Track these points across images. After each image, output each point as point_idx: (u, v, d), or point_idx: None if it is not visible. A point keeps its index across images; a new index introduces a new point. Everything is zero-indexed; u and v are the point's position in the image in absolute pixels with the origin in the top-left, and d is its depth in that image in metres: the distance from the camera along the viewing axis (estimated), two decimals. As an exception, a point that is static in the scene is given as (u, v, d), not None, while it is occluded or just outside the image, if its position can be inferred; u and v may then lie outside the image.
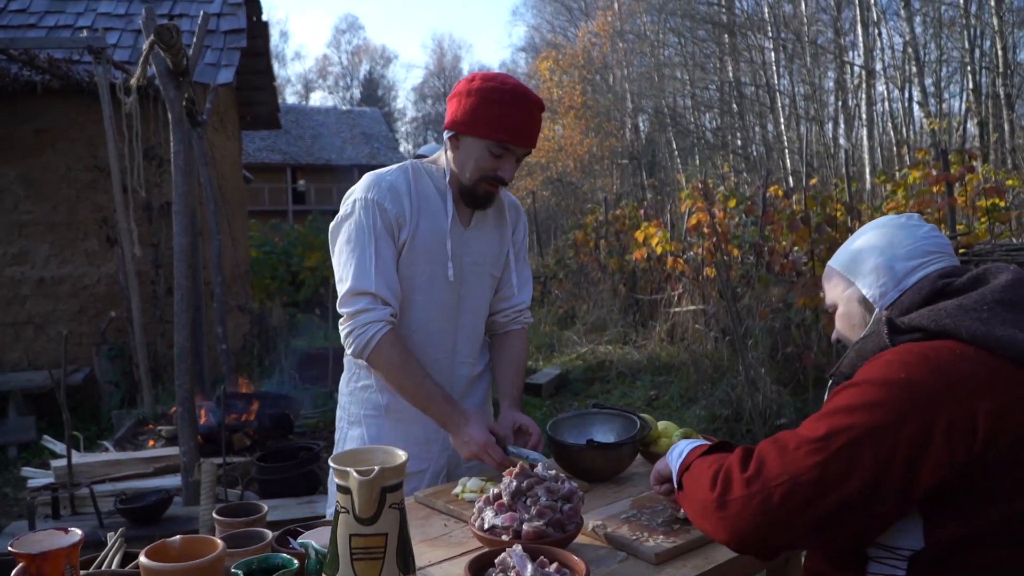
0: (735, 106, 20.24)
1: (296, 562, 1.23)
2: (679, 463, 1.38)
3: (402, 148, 40.02)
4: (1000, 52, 13.18)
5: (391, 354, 1.81)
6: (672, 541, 1.42)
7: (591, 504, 1.64)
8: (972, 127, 14.88)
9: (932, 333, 1.21)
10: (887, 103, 16.69)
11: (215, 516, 1.48)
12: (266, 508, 1.51)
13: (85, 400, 6.58)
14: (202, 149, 6.20)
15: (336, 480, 1.17)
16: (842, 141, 17.44)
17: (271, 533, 1.38)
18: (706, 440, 1.55)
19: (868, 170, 14.61)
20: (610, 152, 22.76)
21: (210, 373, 6.60)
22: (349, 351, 1.86)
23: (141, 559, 1.11)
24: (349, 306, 1.83)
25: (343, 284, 1.84)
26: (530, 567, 1.19)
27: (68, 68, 6.59)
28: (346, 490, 1.13)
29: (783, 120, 18.29)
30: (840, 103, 17.83)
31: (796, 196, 7.70)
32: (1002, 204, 5.56)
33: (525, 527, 1.36)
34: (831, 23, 18.02)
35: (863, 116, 16.28)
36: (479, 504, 1.47)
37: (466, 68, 55.32)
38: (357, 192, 1.89)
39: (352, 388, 2.01)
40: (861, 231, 1.42)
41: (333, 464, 1.18)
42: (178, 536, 1.19)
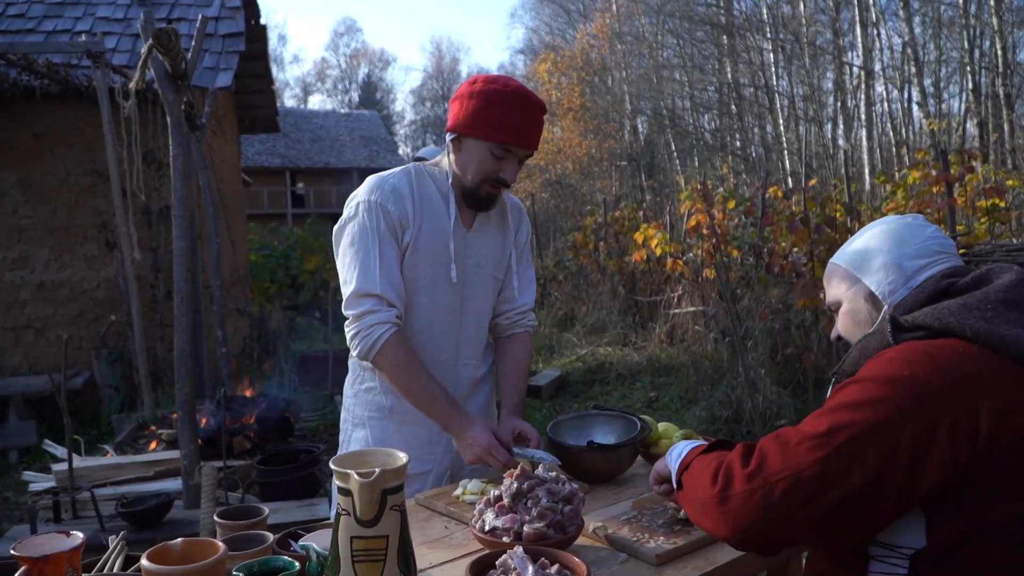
0: (734, 107, 20.24)
1: (297, 564, 1.23)
2: (678, 463, 1.38)
3: (401, 151, 40.04)
4: (1000, 52, 13.18)
5: (396, 356, 1.81)
6: (673, 542, 1.43)
7: (592, 506, 1.65)
8: (972, 127, 14.86)
9: (936, 331, 1.21)
10: (886, 103, 16.66)
11: (216, 519, 1.48)
12: (267, 511, 1.51)
13: (85, 404, 6.58)
14: (201, 153, 6.21)
15: (337, 482, 1.17)
16: (841, 142, 17.44)
17: (272, 536, 1.38)
18: (706, 441, 1.55)
19: (867, 171, 14.60)
20: (609, 154, 22.74)
21: (210, 376, 6.60)
22: (354, 353, 1.86)
23: (143, 562, 1.12)
24: (354, 308, 1.83)
25: (348, 286, 1.84)
26: (531, 569, 1.19)
27: (67, 72, 6.60)
28: (347, 492, 1.14)
29: (782, 121, 18.28)
30: (839, 104, 17.83)
31: (795, 197, 7.69)
32: (1002, 204, 5.54)
33: (526, 529, 1.36)
34: (830, 24, 18.02)
35: (862, 117, 16.28)
36: (480, 506, 1.47)
37: (465, 71, 55.34)
38: (360, 195, 1.89)
39: (356, 390, 2.01)
40: (865, 230, 1.42)
41: (334, 466, 1.18)
42: (179, 539, 1.19)
